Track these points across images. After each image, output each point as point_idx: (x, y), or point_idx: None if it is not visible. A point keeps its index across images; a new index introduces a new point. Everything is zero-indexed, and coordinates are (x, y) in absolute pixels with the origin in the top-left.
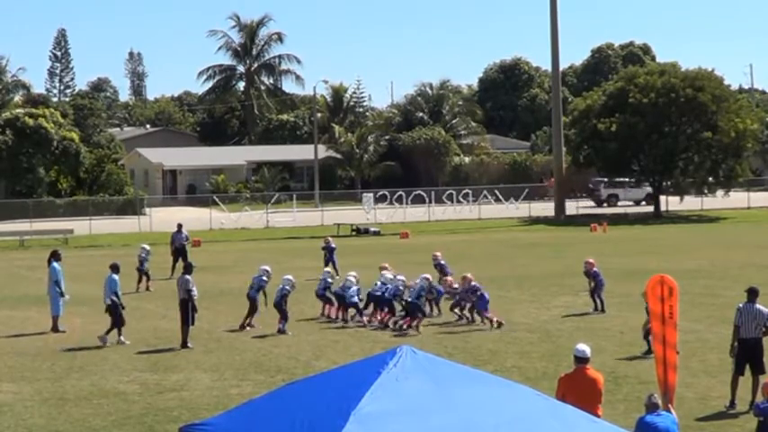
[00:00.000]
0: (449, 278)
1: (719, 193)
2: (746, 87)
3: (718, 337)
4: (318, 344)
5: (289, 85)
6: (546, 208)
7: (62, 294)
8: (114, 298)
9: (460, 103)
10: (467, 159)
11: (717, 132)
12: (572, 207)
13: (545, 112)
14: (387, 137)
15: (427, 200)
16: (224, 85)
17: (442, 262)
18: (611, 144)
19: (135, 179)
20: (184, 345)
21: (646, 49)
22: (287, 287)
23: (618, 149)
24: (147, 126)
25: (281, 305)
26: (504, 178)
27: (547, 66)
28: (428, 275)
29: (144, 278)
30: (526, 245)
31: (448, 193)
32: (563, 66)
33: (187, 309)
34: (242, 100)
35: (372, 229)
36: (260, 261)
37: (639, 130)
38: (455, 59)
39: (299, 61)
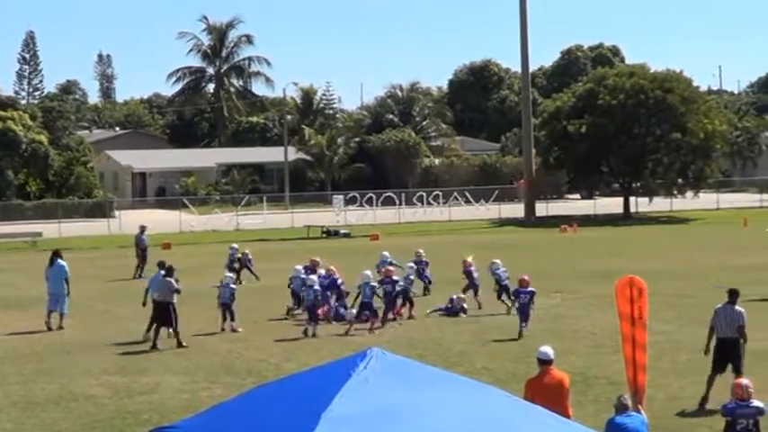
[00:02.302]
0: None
1: (689, 194)
2: (715, 89)
3: (689, 337)
4: (289, 346)
5: (258, 88)
6: (516, 209)
7: (68, 293)
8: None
9: (430, 104)
10: (437, 161)
11: (686, 134)
12: (542, 208)
13: (515, 114)
14: (357, 139)
15: (397, 202)
16: (194, 88)
17: (425, 259)
18: (581, 145)
19: (104, 182)
20: (180, 344)
21: (615, 51)
22: (231, 285)
23: (587, 151)
24: (117, 128)
25: (229, 305)
26: (474, 180)
27: (517, 67)
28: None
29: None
30: (496, 246)
31: (418, 194)
32: (533, 67)
33: (169, 311)
34: (212, 102)
35: (342, 231)
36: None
37: (609, 131)
38: (425, 61)
39: (268, 63)
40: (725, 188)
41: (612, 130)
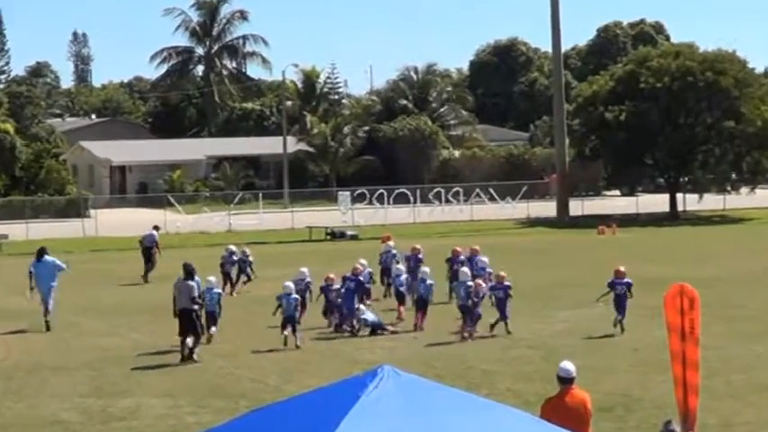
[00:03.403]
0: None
1: (744, 190)
2: None
3: (743, 353)
4: (288, 365)
5: (254, 70)
6: (547, 208)
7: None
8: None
9: (449, 89)
10: (456, 153)
11: (740, 121)
12: (576, 207)
13: (545, 100)
14: (366, 128)
15: (412, 199)
16: (180, 70)
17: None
18: (621, 135)
19: (78, 177)
20: (190, 356)
21: (659, 28)
22: (215, 290)
23: (628, 141)
24: (93, 116)
25: (215, 312)
26: (500, 174)
27: (547, 47)
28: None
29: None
30: (525, 250)
31: (435, 191)
32: (565, 47)
33: (191, 319)
34: (201, 86)
35: (349, 233)
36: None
37: (652, 118)
38: (443, 40)
39: (265, 42)
40: None
41: (656, 118)
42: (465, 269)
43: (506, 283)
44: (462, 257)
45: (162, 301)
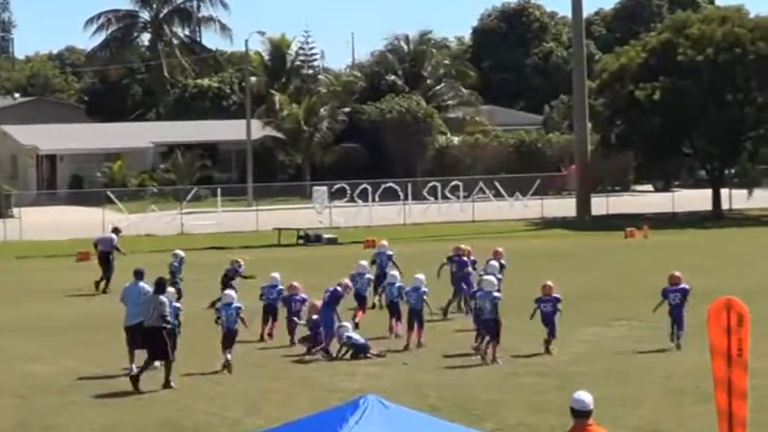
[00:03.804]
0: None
1: None
2: None
3: None
4: (253, 394)
5: (211, 39)
6: (565, 206)
7: None
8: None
9: (447, 62)
10: (456, 140)
11: None
12: (600, 204)
13: (563, 75)
14: (346, 109)
15: (402, 195)
16: (122, 39)
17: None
18: (654, 118)
19: None
20: (167, 384)
21: None
22: (173, 303)
23: (663, 125)
24: (16, 95)
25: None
26: (508, 165)
27: (566, 11)
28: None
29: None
30: (538, 256)
31: (430, 185)
32: (588, 11)
33: (162, 340)
34: (147, 59)
35: (326, 236)
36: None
37: (692, 98)
38: (440, 3)
39: (225, 5)
40: None
41: (697, 97)
42: (491, 278)
43: (555, 294)
44: (467, 259)
45: (102, 318)
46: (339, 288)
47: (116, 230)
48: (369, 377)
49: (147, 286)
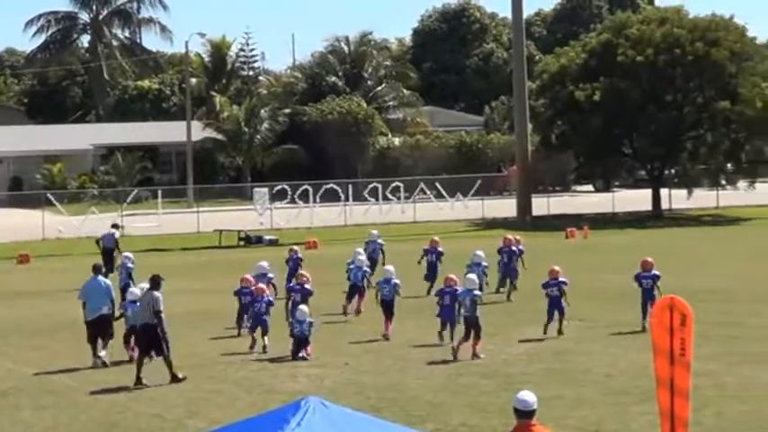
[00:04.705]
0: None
1: (742, 184)
2: None
3: (740, 380)
4: (193, 396)
5: (151, 41)
6: (505, 206)
7: None
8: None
9: (388, 63)
10: (397, 141)
11: (737, 102)
12: (541, 205)
13: (504, 76)
14: (287, 111)
15: (343, 196)
16: (61, 41)
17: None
18: (594, 119)
19: None
20: (175, 378)
21: None
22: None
23: (603, 126)
24: None
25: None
26: (449, 166)
27: (506, 12)
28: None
29: None
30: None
31: (371, 186)
32: (528, 12)
33: (155, 336)
34: (87, 60)
35: (267, 238)
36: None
37: (632, 99)
38: (380, 4)
39: (164, 7)
40: None
41: (637, 98)
42: (473, 276)
43: (561, 278)
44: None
45: (43, 320)
46: (308, 287)
47: (116, 226)
48: (310, 378)
49: (106, 280)
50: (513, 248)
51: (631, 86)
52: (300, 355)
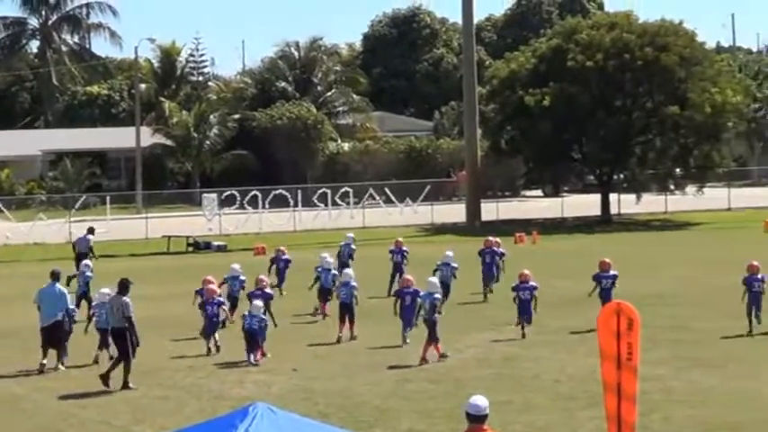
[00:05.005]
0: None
1: (690, 189)
2: (727, 45)
3: (688, 385)
4: (141, 403)
5: (101, 46)
6: (455, 211)
7: None
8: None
9: (338, 69)
10: (346, 146)
11: (686, 107)
12: (490, 210)
13: (454, 81)
14: (236, 116)
15: (292, 202)
16: (10, 46)
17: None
18: (544, 124)
19: None
20: (126, 386)
21: None
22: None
23: (552, 131)
24: None
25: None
26: (398, 171)
27: (456, 17)
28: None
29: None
30: (427, 262)
31: (321, 192)
32: (478, 17)
33: (125, 339)
34: (35, 66)
35: (216, 244)
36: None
37: (582, 104)
38: (330, 10)
39: (114, 13)
40: (739, 181)
41: (587, 103)
42: (434, 279)
43: (532, 283)
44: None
45: None
46: (268, 290)
47: (91, 230)
48: (258, 384)
49: (62, 288)
50: (495, 249)
51: (581, 92)
52: (251, 360)
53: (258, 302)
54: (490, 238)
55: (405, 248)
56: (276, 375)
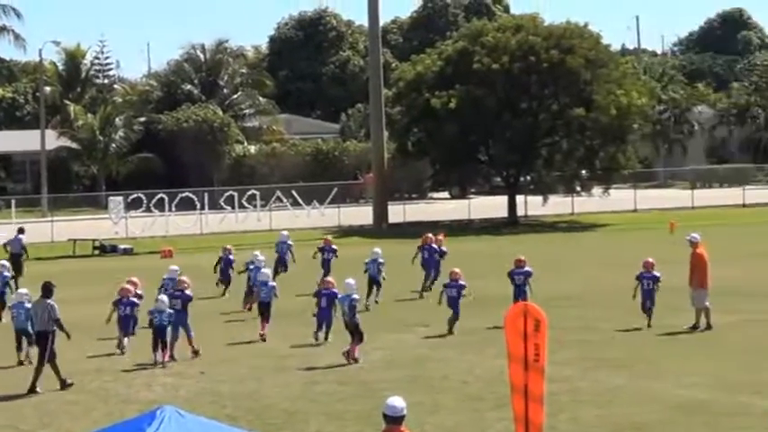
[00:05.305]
0: None
1: (596, 190)
2: (632, 47)
3: (595, 385)
4: (48, 407)
5: (4, 49)
6: (362, 214)
7: None
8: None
9: (244, 71)
10: (253, 149)
11: (592, 109)
12: (397, 212)
13: (360, 84)
14: (142, 119)
15: (198, 205)
16: None
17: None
18: (450, 126)
19: None
20: (33, 390)
21: None
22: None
23: (459, 133)
24: None
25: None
26: (305, 174)
27: (362, 20)
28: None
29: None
30: (334, 264)
31: (227, 194)
32: (384, 20)
33: (47, 343)
34: None
35: (122, 247)
36: None
37: (488, 106)
38: (236, 12)
39: (18, 15)
40: (644, 183)
41: (493, 105)
42: (350, 280)
43: (461, 282)
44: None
45: None
46: (188, 292)
47: (21, 230)
48: (166, 388)
49: None
50: (434, 246)
51: (487, 94)
52: (158, 359)
53: (164, 297)
54: (429, 234)
55: (334, 246)
56: (184, 378)
